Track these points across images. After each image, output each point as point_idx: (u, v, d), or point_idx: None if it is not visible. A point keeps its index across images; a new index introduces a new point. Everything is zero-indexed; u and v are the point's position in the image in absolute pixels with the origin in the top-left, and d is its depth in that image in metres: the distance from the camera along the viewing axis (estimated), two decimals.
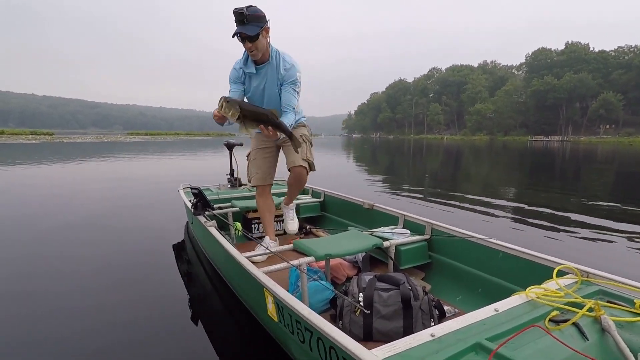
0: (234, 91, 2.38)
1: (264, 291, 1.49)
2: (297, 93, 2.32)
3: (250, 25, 2.13)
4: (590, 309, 1.17)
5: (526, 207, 5.43)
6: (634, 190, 7.64)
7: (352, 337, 1.03)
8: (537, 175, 10.53)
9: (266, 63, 2.31)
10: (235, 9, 2.13)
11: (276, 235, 2.85)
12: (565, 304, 1.23)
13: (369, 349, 0.96)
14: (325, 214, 3.58)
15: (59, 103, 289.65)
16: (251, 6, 2.16)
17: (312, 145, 2.65)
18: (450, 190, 7.10)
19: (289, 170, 2.50)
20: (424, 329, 1.23)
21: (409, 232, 2.40)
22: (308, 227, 3.32)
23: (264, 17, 2.19)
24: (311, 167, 2.57)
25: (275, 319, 1.47)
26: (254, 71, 2.35)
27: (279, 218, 3.10)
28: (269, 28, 2.23)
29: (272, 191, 2.87)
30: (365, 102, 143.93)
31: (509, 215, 4.86)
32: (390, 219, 2.72)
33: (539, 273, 1.66)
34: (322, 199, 3.63)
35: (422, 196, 6.21)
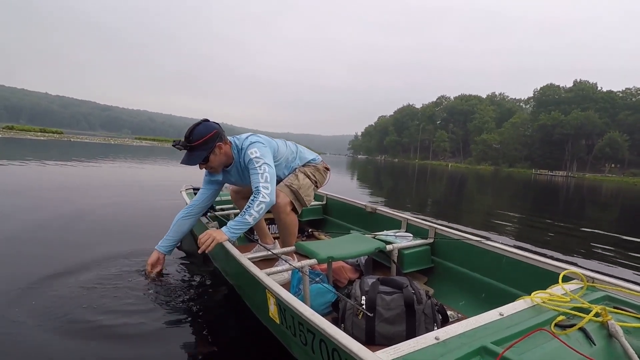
0: (205, 189, 2.35)
1: (266, 293, 1.48)
2: (261, 166, 2.06)
3: (196, 151, 2.04)
4: (597, 314, 1.16)
5: (529, 229, 5.41)
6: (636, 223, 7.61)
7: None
8: (541, 205, 10.51)
9: (231, 164, 2.23)
10: (174, 142, 2.05)
11: (275, 237, 2.83)
12: (571, 309, 1.22)
13: (372, 352, 0.95)
14: (328, 217, 3.57)
15: (71, 103, 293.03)
16: (196, 128, 2.05)
17: (310, 180, 2.40)
18: (452, 214, 7.09)
19: None
20: (427, 333, 1.22)
21: (411, 236, 2.38)
22: (310, 230, 3.31)
23: (213, 136, 2.05)
24: (298, 198, 2.29)
25: (277, 321, 1.46)
26: (220, 178, 2.33)
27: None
28: (222, 143, 2.10)
29: None
30: (373, 124, 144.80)
31: (512, 234, 4.85)
32: (393, 223, 2.71)
33: (544, 278, 1.65)
34: (324, 202, 3.62)
35: (424, 215, 6.20)
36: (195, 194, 3.06)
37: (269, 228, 2.97)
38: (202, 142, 2.03)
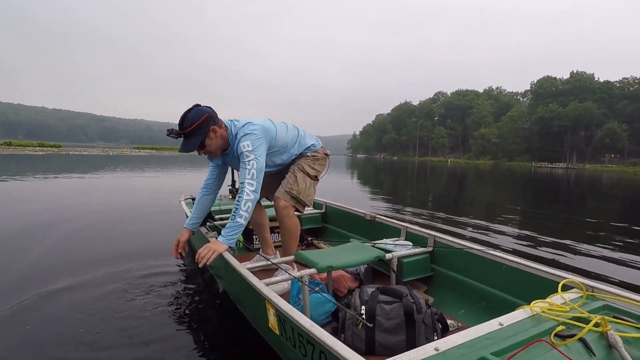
0: (212, 168, 2.36)
1: (265, 303, 1.47)
2: (250, 161, 2.02)
3: (191, 138, 2.02)
4: (597, 324, 1.15)
5: (530, 226, 5.41)
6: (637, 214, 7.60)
7: (354, 350, 1.01)
8: (541, 198, 10.51)
9: (229, 148, 2.20)
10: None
11: (276, 247, 2.82)
12: (571, 319, 1.21)
13: None
14: (327, 226, 3.55)
15: (68, 116, 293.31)
16: (188, 114, 2.02)
17: (310, 178, 2.39)
18: (454, 209, 7.09)
19: None
20: (427, 342, 1.21)
21: (411, 244, 2.37)
22: (309, 238, 3.30)
23: (206, 120, 2.02)
24: (299, 202, 2.32)
25: (277, 332, 1.45)
26: (220, 162, 2.33)
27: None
28: (216, 127, 2.06)
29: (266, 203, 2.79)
30: (371, 122, 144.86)
31: (513, 232, 4.84)
32: (392, 231, 2.70)
33: (543, 287, 1.64)
34: (323, 210, 3.61)
35: (425, 212, 6.19)
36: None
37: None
38: (195, 128, 2.00)
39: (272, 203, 2.43)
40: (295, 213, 2.39)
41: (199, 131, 2.01)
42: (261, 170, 2.06)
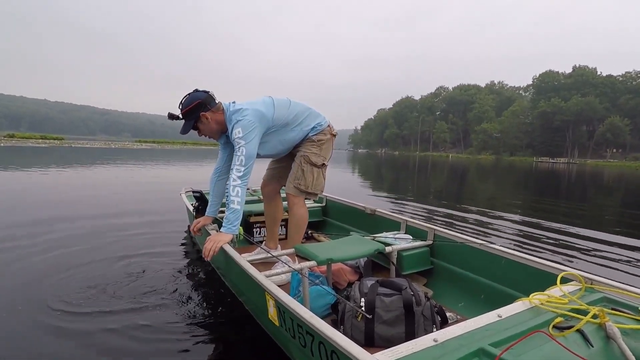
0: (221, 151, 2.43)
1: (265, 295, 1.48)
2: (240, 148, 2.07)
3: (186, 121, 2.16)
4: (595, 316, 1.15)
5: (530, 221, 5.41)
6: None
7: (353, 342, 1.02)
8: (543, 193, 10.51)
9: (226, 132, 2.26)
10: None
11: (280, 240, 2.82)
12: (569, 311, 1.21)
13: (371, 354, 0.95)
14: (327, 219, 3.57)
15: (70, 109, 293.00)
16: (184, 99, 2.14)
17: (317, 167, 2.37)
18: (455, 204, 7.08)
19: None
20: (425, 335, 1.22)
21: (411, 237, 2.38)
22: (310, 232, 3.30)
23: (195, 107, 2.11)
24: (310, 194, 2.38)
25: (277, 323, 1.46)
26: (222, 143, 2.40)
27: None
28: (208, 113, 2.13)
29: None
30: (372, 117, 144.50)
31: (514, 228, 4.84)
32: (392, 225, 2.71)
33: (542, 280, 1.65)
34: (324, 204, 3.63)
35: (426, 207, 6.20)
36: (195, 197, 3.11)
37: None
38: (185, 113, 2.13)
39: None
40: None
41: (189, 116, 2.15)
42: (251, 157, 2.09)
